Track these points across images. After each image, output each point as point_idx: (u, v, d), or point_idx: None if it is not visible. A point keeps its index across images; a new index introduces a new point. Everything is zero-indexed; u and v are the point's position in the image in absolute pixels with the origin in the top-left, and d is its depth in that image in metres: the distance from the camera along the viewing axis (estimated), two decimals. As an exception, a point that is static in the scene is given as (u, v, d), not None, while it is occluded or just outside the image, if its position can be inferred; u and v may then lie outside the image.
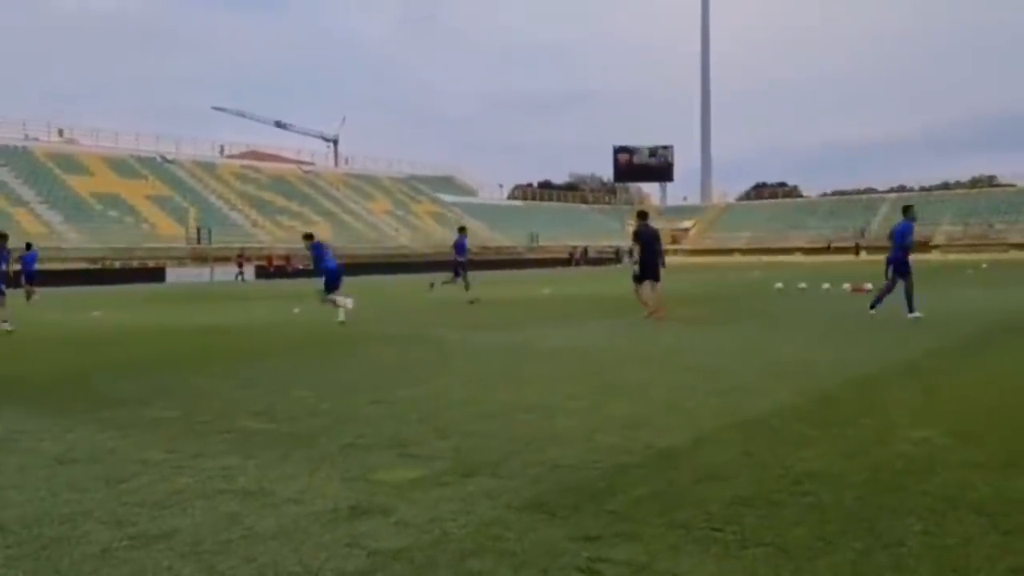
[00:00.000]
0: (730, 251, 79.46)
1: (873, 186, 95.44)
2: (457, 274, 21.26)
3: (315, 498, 4.08)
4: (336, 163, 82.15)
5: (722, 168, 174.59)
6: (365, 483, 4.34)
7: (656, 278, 14.44)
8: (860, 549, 3.35)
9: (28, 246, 25.79)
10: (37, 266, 25.77)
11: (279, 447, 5.15)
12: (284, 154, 78.11)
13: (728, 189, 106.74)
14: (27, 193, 49.36)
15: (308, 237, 15.48)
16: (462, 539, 3.50)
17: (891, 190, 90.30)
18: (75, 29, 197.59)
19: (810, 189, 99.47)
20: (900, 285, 13.37)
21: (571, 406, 6.43)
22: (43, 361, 10.15)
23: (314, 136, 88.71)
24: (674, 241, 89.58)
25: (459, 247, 21.51)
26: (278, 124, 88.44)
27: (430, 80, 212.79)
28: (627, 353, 9.85)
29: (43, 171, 53.11)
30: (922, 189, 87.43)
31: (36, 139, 58.72)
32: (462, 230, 22.47)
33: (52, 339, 13.11)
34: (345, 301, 14.25)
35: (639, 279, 14.47)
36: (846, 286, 22.23)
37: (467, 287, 20.59)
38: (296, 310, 18.53)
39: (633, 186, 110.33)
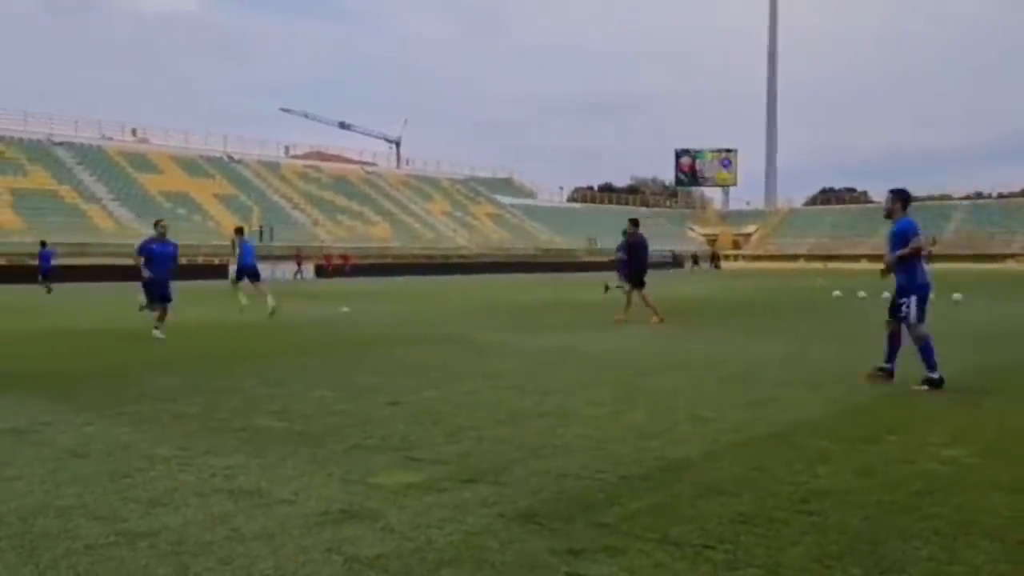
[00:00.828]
0: (794, 257, 77.79)
1: (948, 192, 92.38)
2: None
3: (308, 500, 4.06)
4: (398, 164, 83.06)
5: (788, 173, 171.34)
6: (363, 486, 4.32)
7: (641, 285, 14.87)
8: (856, 574, 3.18)
9: (43, 244, 26.76)
10: (54, 262, 26.97)
11: (287, 446, 5.17)
12: (347, 154, 79.30)
13: (794, 194, 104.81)
14: (100, 190, 51.05)
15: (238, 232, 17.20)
16: (443, 548, 3.44)
17: (967, 197, 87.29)
18: (153, 34, 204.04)
19: (880, 195, 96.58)
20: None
21: (590, 413, 6.32)
22: (82, 354, 10.42)
23: (377, 137, 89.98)
24: (736, 246, 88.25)
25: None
26: (342, 125, 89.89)
27: (491, 84, 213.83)
28: (662, 360, 9.66)
29: (116, 169, 54.87)
30: (999, 196, 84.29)
31: (111, 138, 60.69)
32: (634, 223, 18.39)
33: (95, 333, 13.48)
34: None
35: (630, 285, 14.95)
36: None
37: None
38: (345, 309, 18.72)
39: (696, 190, 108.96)
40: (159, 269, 12.46)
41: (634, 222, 15.68)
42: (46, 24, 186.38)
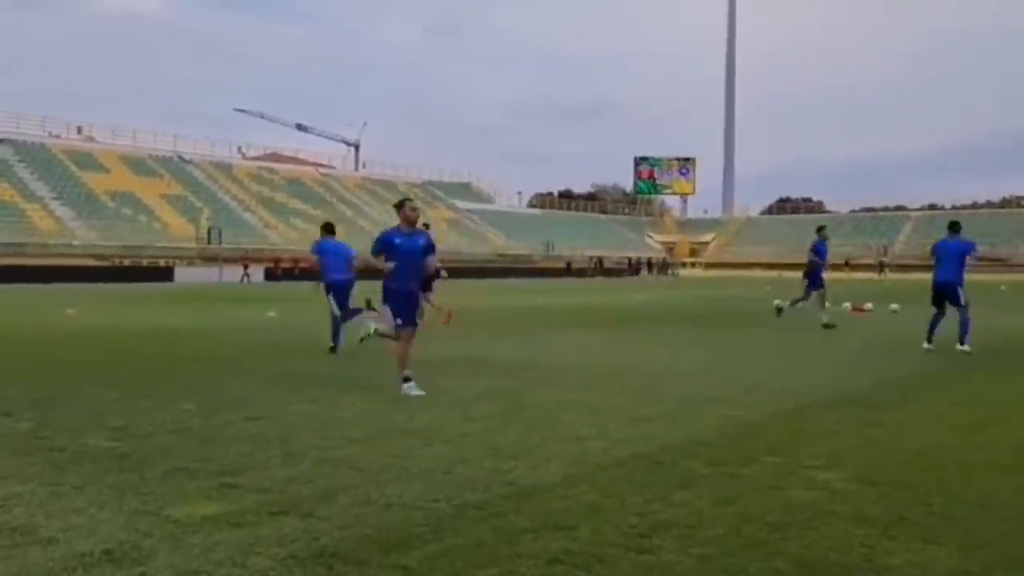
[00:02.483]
0: (750, 265, 78.27)
1: (903, 203, 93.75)
2: (816, 290, 16.10)
3: (77, 538, 3.54)
4: (356, 167, 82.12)
5: (746, 182, 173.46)
6: (153, 519, 3.81)
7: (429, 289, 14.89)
8: (663, 630, 2.76)
9: None
10: None
11: (96, 471, 4.63)
12: (304, 157, 78.21)
13: (751, 203, 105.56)
14: (41, 189, 49.62)
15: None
16: (199, 599, 2.95)
17: (920, 208, 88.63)
18: (103, 31, 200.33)
19: (838, 205, 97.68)
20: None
21: (461, 430, 5.86)
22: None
23: (335, 140, 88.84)
24: (693, 254, 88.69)
25: (819, 252, 16.20)
26: (299, 127, 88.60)
27: (453, 88, 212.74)
28: (564, 370, 9.24)
29: (59, 168, 53.40)
30: (953, 208, 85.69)
31: (57, 136, 59.11)
32: (821, 230, 16.61)
33: None
34: None
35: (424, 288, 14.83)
36: (846, 305, 21.40)
37: (823, 305, 15.99)
38: (271, 314, 18.10)
39: (656, 198, 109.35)
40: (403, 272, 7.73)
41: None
42: (6, 17, 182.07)
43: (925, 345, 11.56)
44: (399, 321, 7.65)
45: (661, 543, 3.59)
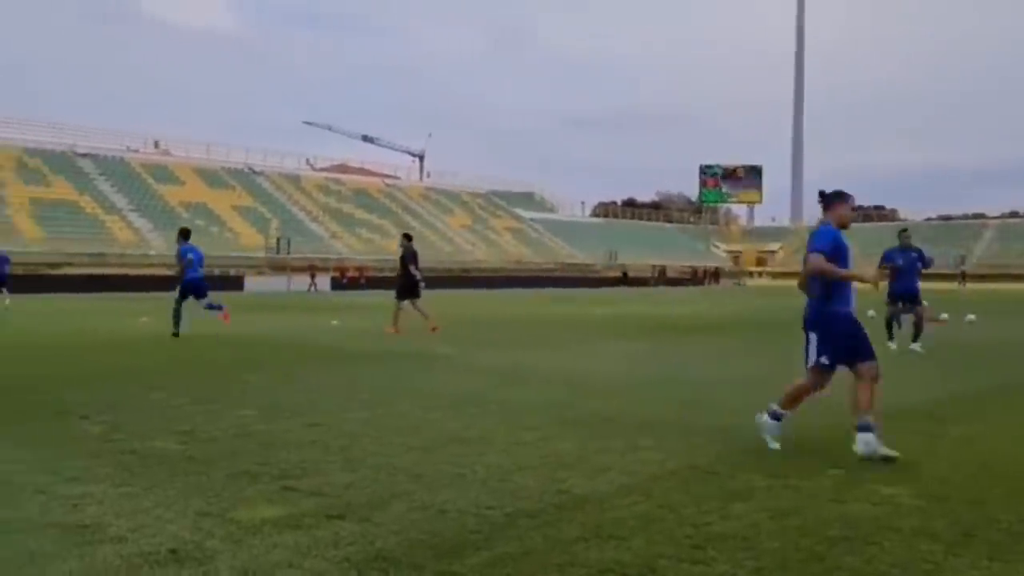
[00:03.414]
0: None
1: (982, 211, 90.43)
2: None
3: (144, 537, 3.67)
4: (420, 178, 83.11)
5: (815, 189, 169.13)
6: (216, 520, 3.92)
7: (417, 296, 15.58)
8: (713, 643, 2.73)
9: None
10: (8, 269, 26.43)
11: (164, 473, 4.79)
12: (370, 168, 79.48)
13: (821, 211, 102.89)
14: (120, 201, 51.46)
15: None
16: (256, 599, 3.03)
17: (1001, 216, 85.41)
18: (180, 46, 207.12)
19: (913, 213, 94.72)
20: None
21: (517, 439, 5.88)
22: (29, 364, 10.14)
23: (401, 151, 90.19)
24: (760, 263, 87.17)
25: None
26: (365, 138, 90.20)
27: (514, 99, 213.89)
28: (624, 380, 9.19)
29: (138, 181, 55.32)
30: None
31: (135, 150, 61.29)
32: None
33: (58, 344, 13.24)
34: None
35: (401, 297, 15.58)
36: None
37: None
38: (334, 322, 18.42)
39: (721, 206, 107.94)
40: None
41: (407, 236, 16.42)
42: (81, 33, 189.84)
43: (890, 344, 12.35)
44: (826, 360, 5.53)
45: (716, 555, 3.55)
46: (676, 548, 3.63)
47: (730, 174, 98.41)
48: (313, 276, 46.10)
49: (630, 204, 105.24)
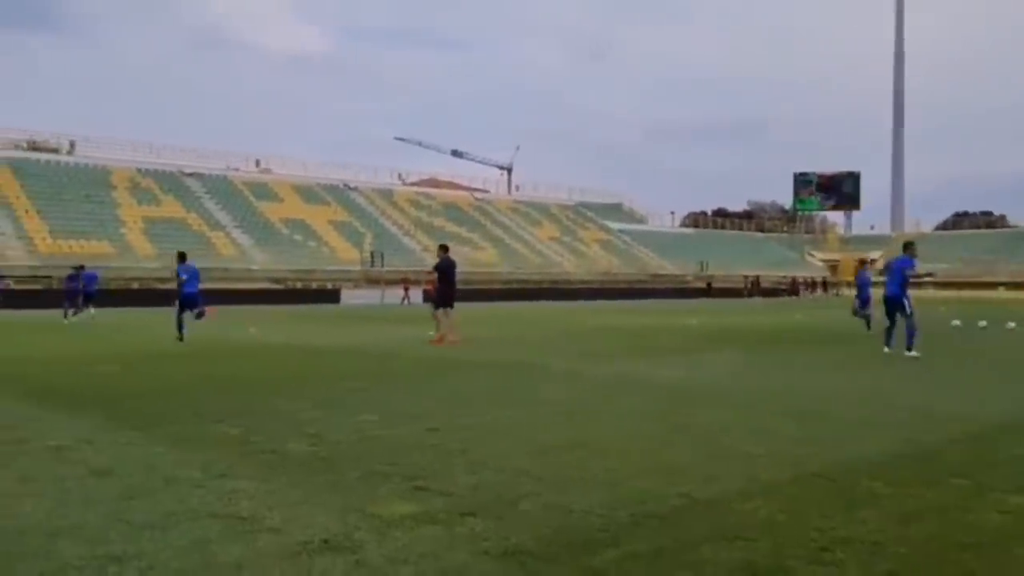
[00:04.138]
0: (922, 284, 73.67)
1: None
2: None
3: (296, 529, 3.97)
4: (509, 191, 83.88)
5: (917, 197, 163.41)
6: (357, 515, 4.19)
7: (451, 306, 16.21)
8: (851, 639, 2.81)
9: (81, 268, 27.31)
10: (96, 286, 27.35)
11: (303, 472, 5.12)
12: (459, 182, 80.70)
13: (923, 218, 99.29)
14: (224, 218, 53.71)
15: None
16: (408, 585, 3.26)
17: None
18: (274, 68, 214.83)
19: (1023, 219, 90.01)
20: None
21: (629, 446, 6.01)
22: (160, 373, 10.78)
23: (489, 165, 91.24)
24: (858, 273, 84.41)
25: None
26: (454, 153, 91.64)
27: (602, 110, 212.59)
28: (727, 391, 9.17)
29: (240, 198, 57.65)
30: None
31: (236, 169, 63.93)
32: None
33: (180, 353, 13.98)
34: None
35: (437, 305, 16.36)
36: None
37: None
38: (431, 333, 18.84)
39: (817, 214, 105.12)
40: None
41: (443, 247, 17.09)
42: (185, 61, 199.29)
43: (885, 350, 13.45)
44: None
45: (844, 557, 3.61)
46: (803, 550, 3.70)
47: (826, 181, 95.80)
48: (407, 289, 47.06)
49: (721, 213, 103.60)
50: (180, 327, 16.35)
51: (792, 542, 3.81)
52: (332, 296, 47.35)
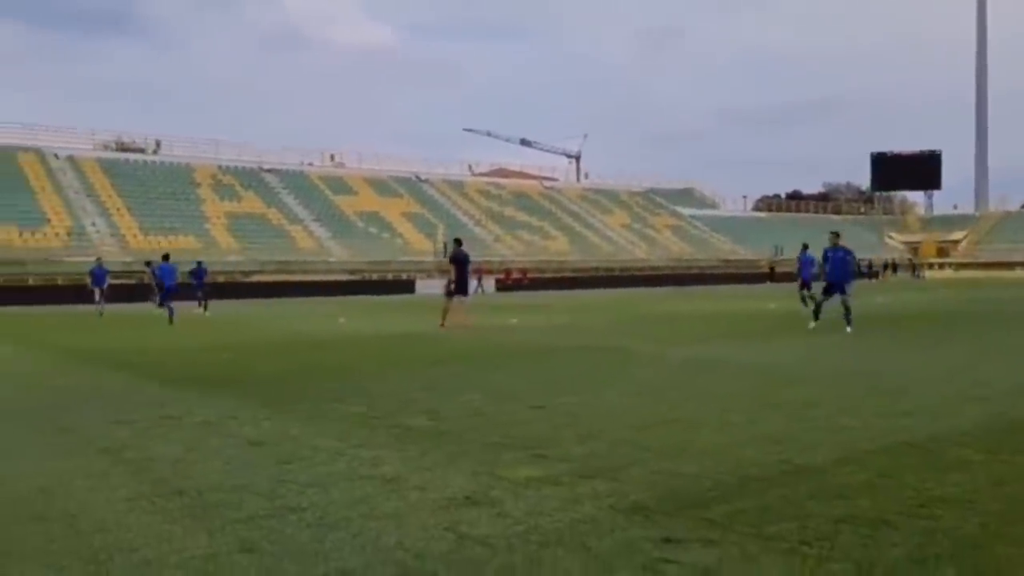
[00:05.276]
0: (1010, 265, 71.26)
1: None
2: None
3: (438, 487, 4.49)
4: (578, 178, 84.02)
5: (1003, 176, 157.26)
6: (488, 477, 4.70)
7: (464, 294, 17.61)
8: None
9: (199, 264, 28.31)
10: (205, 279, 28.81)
11: (429, 442, 5.66)
12: (528, 171, 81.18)
13: (1009, 196, 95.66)
14: (302, 212, 55.31)
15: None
16: (548, 532, 3.74)
17: None
18: (345, 64, 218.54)
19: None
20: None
21: (724, 420, 6.39)
22: (272, 360, 11.55)
23: (557, 153, 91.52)
24: (940, 254, 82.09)
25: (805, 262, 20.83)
26: (523, 142, 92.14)
27: (670, 96, 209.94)
28: (812, 371, 9.45)
29: (316, 192, 59.25)
30: None
31: (311, 164, 65.67)
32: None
33: (285, 342, 14.80)
34: None
35: (450, 294, 17.44)
36: None
37: None
38: (513, 320, 19.38)
39: (896, 195, 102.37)
40: None
41: (457, 241, 18.43)
42: (259, 60, 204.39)
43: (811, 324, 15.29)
44: None
45: (941, 513, 3.95)
46: (901, 506, 4.06)
47: (905, 161, 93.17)
48: (480, 278, 47.78)
49: (795, 197, 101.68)
50: (171, 314, 19.69)
51: (890, 500, 4.17)
52: (407, 286, 48.39)
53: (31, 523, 3.98)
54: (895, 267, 68.48)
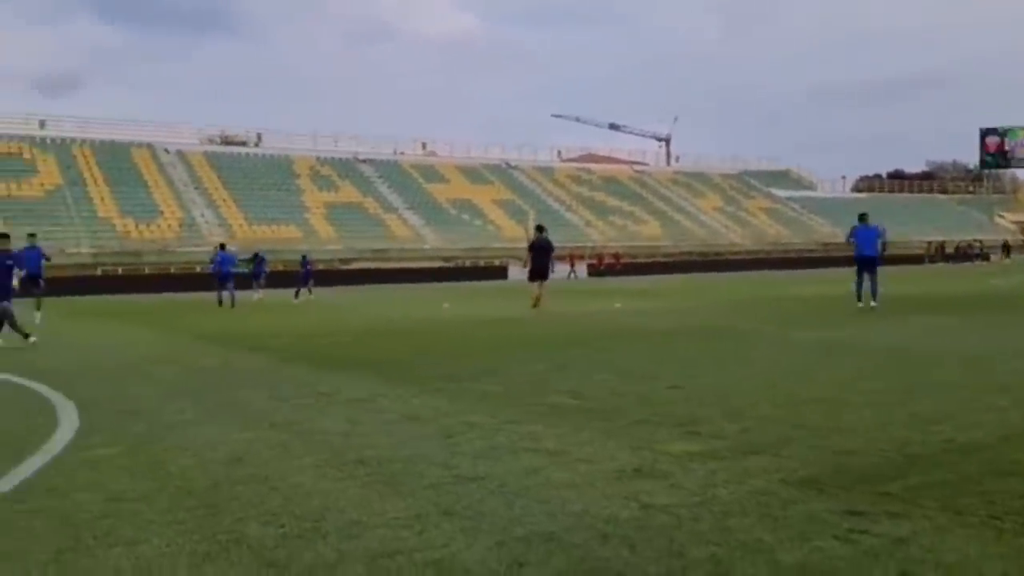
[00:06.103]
0: None
1: None
2: None
3: (604, 460, 4.63)
4: (668, 162, 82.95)
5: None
6: (649, 452, 4.81)
7: (544, 278, 18.22)
8: None
9: (222, 246, 27.90)
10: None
11: (578, 419, 5.80)
12: (617, 155, 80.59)
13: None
14: (396, 200, 56.39)
15: None
16: (729, 502, 3.84)
17: None
18: (432, 53, 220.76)
19: None
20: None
21: (869, 400, 6.33)
22: (393, 342, 11.91)
23: (647, 136, 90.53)
24: (1055, 235, 77.81)
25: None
26: (612, 126, 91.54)
27: (761, 74, 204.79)
28: (945, 353, 9.20)
29: (410, 181, 60.29)
30: None
31: (403, 153, 66.80)
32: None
33: (399, 326, 15.20)
34: None
35: (532, 279, 18.34)
36: None
37: None
38: (617, 305, 19.40)
39: (1006, 172, 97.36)
40: None
41: (539, 228, 19.43)
42: (349, 54, 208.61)
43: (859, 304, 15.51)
44: None
45: None
46: (1084, 485, 3.99)
47: (1017, 136, 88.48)
48: (572, 264, 47.82)
49: (897, 176, 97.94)
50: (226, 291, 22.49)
51: (1070, 478, 4.10)
52: (500, 272, 48.77)
53: (237, 485, 4.29)
54: (1008, 249, 65.22)
